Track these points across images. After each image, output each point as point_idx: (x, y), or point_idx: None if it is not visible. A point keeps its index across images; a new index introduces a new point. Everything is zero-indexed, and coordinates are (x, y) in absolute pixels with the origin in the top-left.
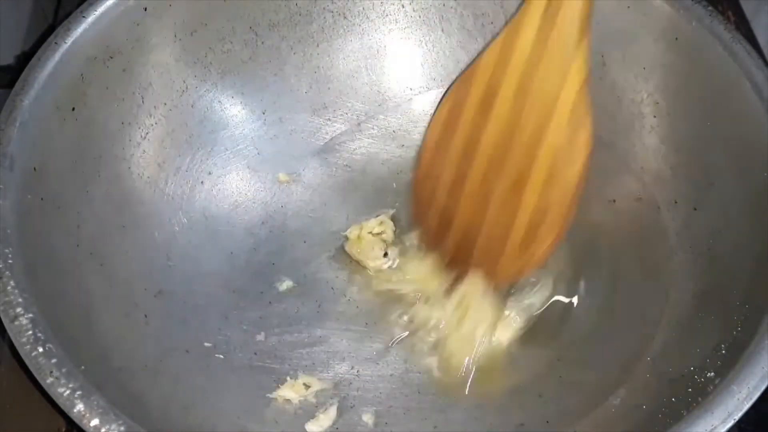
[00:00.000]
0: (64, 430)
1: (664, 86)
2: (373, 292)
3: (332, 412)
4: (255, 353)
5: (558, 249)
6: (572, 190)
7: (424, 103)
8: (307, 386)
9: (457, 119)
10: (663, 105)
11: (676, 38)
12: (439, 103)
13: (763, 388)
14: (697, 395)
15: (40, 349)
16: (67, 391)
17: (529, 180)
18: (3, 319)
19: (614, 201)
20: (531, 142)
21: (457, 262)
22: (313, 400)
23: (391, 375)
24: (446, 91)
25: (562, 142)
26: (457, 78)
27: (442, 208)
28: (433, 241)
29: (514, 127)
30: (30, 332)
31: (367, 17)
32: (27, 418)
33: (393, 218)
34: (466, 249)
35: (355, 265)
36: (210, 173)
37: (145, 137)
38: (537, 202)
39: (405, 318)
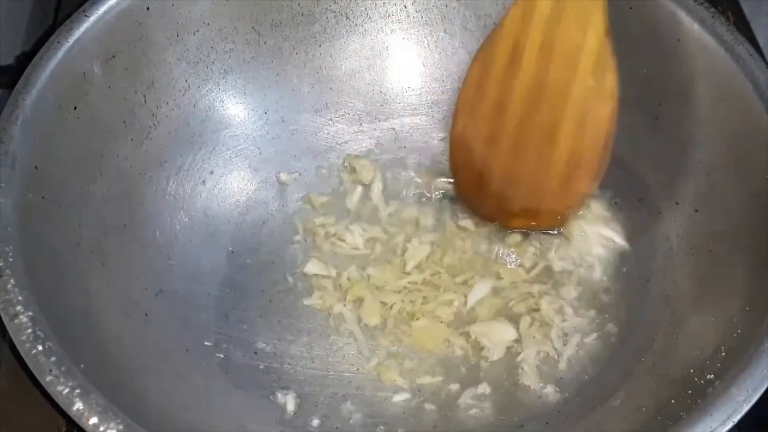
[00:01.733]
0: (64, 429)
1: (666, 87)
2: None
3: (332, 408)
4: (255, 353)
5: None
6: (605, 131)
7: (426, 103)
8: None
9: (487, 78)
10: (665, 106)
11: (678, 39)
12: (470, 65)
13: (762, 390)
14: (696, 397)
15: (40, 348)
16: (66, 390)
17: (562, 127)
18: (3, 317)
19: (616, 202)
20: (560, 91)
21: (498, 213)
22: (314, 399)
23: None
24: (476, 53)
25: (591, 87)
26: (485, 40)
27: (480, 165)
28: (471, 197)
29: (543, 79)
30: (30, 330)
31: (370, 17)
32: (27, 418)
33: None
34: (507, 200)
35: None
36: (212, 173)
37: (147, 136)
38: (572, 146)
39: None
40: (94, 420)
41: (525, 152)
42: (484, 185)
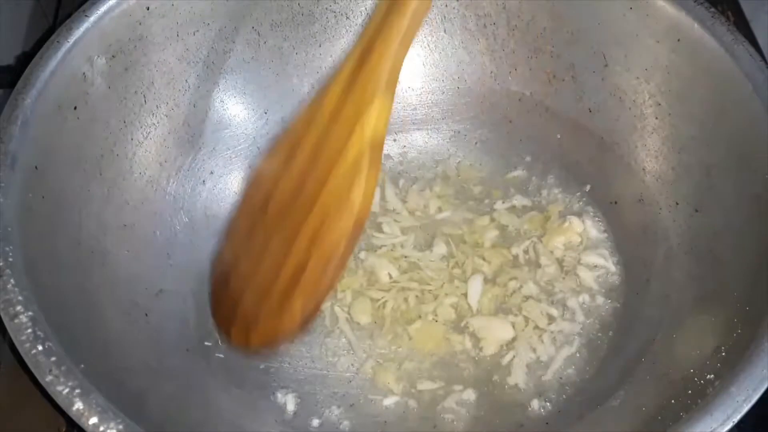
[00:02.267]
0: (64, 429)
1: (666, 87)
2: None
3: (332, 409)
4: (255, 352)
5: None
6: (336, 250)
7: (426, 103)
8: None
9: (265, 173)
10: (664, 106)
11: (678, 40)
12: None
13: (762, 390)
14: (696, 397)
15: (40, 347)
16: (66, 389)
17: (300, 234)
18: (3, 317)
19: (616, 202)
20: (312, 195)
21: (224, 318)
22: (314, 399)
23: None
24: (269, 148)
25: (336, 198)
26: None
27: (228, 259)
28: (215, 293)
29: (304, 180)
30: (30, 330)
31: (370, 17)
32: (27, 418)
33: None
34: (233, 303)
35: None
36: (212, 172)
37: (147, 136)
38: (300, 259)
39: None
40: (94, 420)
41: (264, 254)
42: (224, 283)
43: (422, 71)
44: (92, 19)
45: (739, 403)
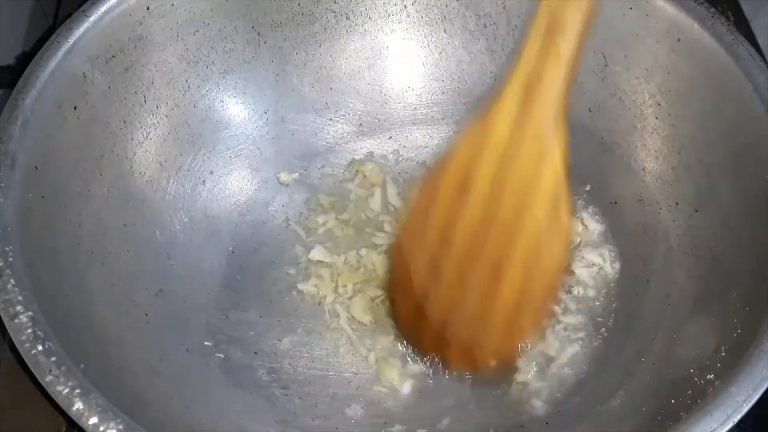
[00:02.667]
0: (64, 429)
1: (666, 87)
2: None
3: (333, 408)
4: (255, 352)
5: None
6: (555, 272)
7: (426, 103)
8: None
9: (435, 203)
10: (665, 106)
11: (678, 40)
12: (419, 188)
13: (762, 390)
14: (696, 397)
15: (40, 347)
16: (66, 389)
17: (508, 266)
18: (3, 317)
19: (616, 202)
20: (509, 228)
21: (434, 347)
22: (314, 399)
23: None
24: (425, 176)
25: (541, 229)
26: (435, 163)
27: (420, 296)
28: (409, 328)
29: (492, 212)
30: (30, 330)
31: (370, 17)
32: (27, 418)
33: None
34: (445, 336)
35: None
36: (211, 173)
37: (146, 136)
38: (519, 285)
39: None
40: (94, 420)
41: (469, 286)
42: (423, 318)
43: (422, 71)
44: (92, 19)
45: (739, 403)
